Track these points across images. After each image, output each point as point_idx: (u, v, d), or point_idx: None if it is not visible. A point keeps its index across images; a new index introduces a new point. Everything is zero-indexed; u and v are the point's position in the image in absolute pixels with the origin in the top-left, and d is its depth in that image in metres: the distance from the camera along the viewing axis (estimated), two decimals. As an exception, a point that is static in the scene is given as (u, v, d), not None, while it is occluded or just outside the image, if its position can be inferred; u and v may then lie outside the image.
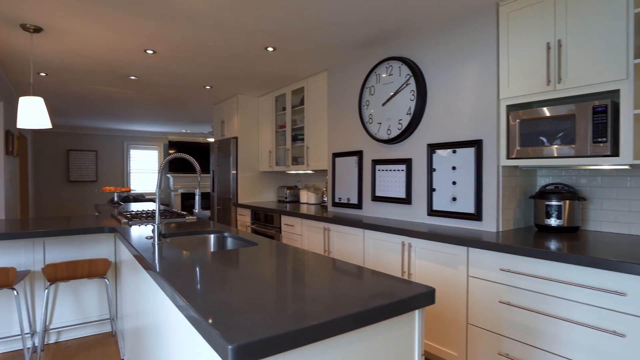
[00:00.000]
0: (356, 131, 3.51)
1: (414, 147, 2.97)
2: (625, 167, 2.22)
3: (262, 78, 4.36)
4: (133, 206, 4.45)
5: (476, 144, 2.51)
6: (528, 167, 2.59)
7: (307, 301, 1.05)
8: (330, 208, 3.84)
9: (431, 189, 2.81)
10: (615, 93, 2.06)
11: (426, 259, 2.47)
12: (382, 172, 3.23)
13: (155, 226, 1.94)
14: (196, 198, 2.08)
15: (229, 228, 2.52)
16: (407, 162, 3.00)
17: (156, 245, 1.87)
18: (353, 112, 3.55)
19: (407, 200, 2.99)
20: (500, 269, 2.05)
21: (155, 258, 1.59)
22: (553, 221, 2.31)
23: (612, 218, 2.31)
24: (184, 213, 3.19)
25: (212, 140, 7.14)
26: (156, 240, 1.92)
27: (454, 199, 2.64)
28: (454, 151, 2.65)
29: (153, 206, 4.44)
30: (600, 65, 1.97)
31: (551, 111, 2.16)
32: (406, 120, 2.97)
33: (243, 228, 4.82)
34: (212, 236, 2.39)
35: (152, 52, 3.43)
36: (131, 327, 2.23)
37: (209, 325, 0.88)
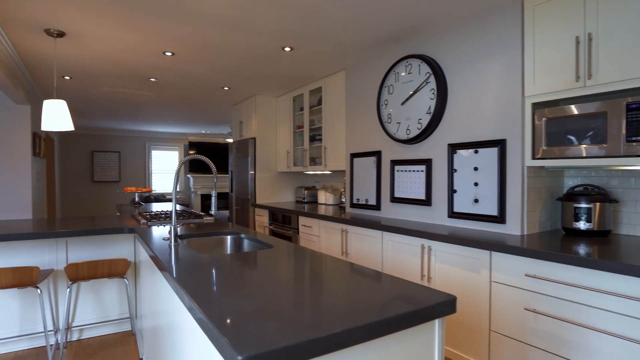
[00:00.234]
0: (374, 131, 3.45)
1: (434, 147, 2.89)
2: (661, 168, 2.09)
3: (280, 78, 4.35)
4: (154, 206, 4.51)
5: (499, 144, 2.42)
6: (555, 168, 2.47)
7: (322, 309, 1.01)
8: (348, 209, 3.79)
9: (452, 190, 2.73)
10: (650, 89, 1.94)
11: (447, 263, 2.39)
12: (401, 173, 3.16)
13: (171, 227, 1.95)
14: (212, 199, 2.07)
15: (246, 229, 2.50)
16: (427, 163, 2.92)
17: (172, 246, 1.87)
18: (371, 112, 3.49)
19: (427, 201, 2.91)
20: (525, 275, 1.96)
21: (170, 260, 1.58)
22: (582, 224, 2.20)
23: (647, 221, 2.18)
24: (202, 214, 3.20)
25: (231, 140, 7.20)
26: (172, 241, 1.92)
27: (476, 201, 2.56)
28: (476, 151, 2.57)
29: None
30: (634, 59, 1.86)
31: (580, 109, 2.06)
32: (426, 119, 2.89)
33: (261, 229, 4.82)
34: (229, 238, 2.39)
35: (171, 54, 3.46)
36: (149, 327, 2.25)
37: (219, 333, 0.85)
